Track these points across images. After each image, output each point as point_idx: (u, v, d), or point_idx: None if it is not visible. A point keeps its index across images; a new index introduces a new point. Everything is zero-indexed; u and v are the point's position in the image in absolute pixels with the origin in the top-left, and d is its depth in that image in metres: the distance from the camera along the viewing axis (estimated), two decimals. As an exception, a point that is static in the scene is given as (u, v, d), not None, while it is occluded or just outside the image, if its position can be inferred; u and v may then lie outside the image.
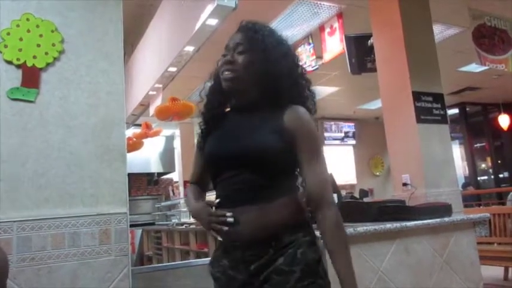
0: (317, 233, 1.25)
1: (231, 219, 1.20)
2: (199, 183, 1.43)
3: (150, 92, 6.14)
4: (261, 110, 1.26)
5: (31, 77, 1.68)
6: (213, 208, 1.26)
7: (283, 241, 1.20)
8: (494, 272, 4.54)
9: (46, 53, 1.72)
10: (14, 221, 1.58)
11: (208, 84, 1.41)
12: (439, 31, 5.12)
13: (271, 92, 1.25)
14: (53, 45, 1.74)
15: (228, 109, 1.38)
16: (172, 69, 4.97)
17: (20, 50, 1.69)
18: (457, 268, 2.43)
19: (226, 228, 1.21)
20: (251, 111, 1.28)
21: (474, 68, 6.72)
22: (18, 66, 1.68)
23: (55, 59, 1.74)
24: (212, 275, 1.33)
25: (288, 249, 1.20)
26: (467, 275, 2.46)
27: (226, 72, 1.26)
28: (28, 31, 1.71)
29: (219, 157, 1.27)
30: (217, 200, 1.25)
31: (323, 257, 1.25)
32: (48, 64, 1.73)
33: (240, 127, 1.27)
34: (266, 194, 1.22)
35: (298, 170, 1.27)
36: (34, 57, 1.70)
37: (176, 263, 2.53)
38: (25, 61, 1.68)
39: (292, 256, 1.19)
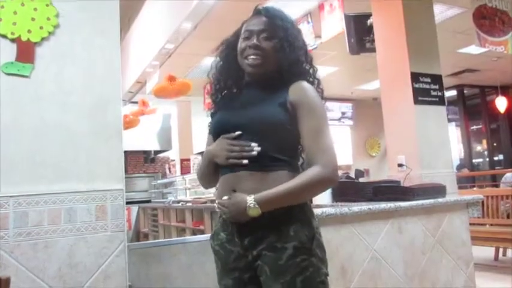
0: (315, 210, 1.27)
1: (257, 149, 1.23)
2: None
3: (147, 69, 6.09)
4: (270, 86, 1.32)
5: (26, 52, 1.66)
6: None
7: (276, 214, 1.21)
8: (485, 252, 4.63)
9: (41, 27, 1.69)
10: (11, 196, 1.59)
11: (217, 63, 1.45)
12: (440, 11, 5.07)
13: (285, 75, 1.32)
14: (48, 19, 1.71)
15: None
16: (170, 46, 4.92)
17: (15, 23, 1.66)
18: (449, 248, 2.48)
19: (246, 161, 1.23)
20: (261, 86, 1.34)
21: (474, 49, 6.68)
22: (12, 40, 1.65)
23: (50, 33, 1.71)
24: (212, 249, 1.36)
25: (280, 226, 1.21)
26: (459, 255, 2.51)
27: (254, 57, 1.30)
28: (22, 4, 1.67)
29: (226, 125, 1.31)
30: (238, 132, 1.27)
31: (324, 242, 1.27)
32: (43, 39, 1.70)
33: (249, 100, 1.33)
34: (266, 164, 1.24)
35: (301, 142, 1.29)
36: (29, 31, 1.67)
37: (172, 239, 2.56)
38: (19, 35, 1.66)
39: (285, 233, 1.21)
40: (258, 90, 1.34)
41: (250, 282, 1.28)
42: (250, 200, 1.19)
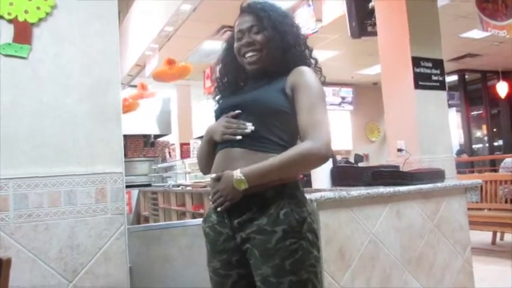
0: (308, 195, 1.26)
1: (251, 127, 1.26)
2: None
3: (146, 52, 6.05)
4: (271, 76, 1.35)
5: (23, 33, 1.64)
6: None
7: (266, 197, 1.22)
8: (483, 236, 4.67)
9: (38, 8, 1.67)
10: (11, 178, 1.59)
11: (218, 67, 1.50)
12: (442, -5, 5.00)
13: (282, 62, 1.35)
14: (45, -1, 1.68)
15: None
16: (169, 28, 4.88)
17: (11, 4, 1.63)
18: (447, 232, 2.49)
19: (239, 137, 1.26)
20: (263, 77, 1.37)
21: (476, 34, 6.62)
22: (9, 21, 1.63)
23: (47, 14, 1.69)
24: (203, 231, 1.38)
25: (270, 210, 1.21)
26: (456, 239, 2.53)
27: (250, 54, 1.34)
28: (19, -16, 1.65)
29: (226, 106, 1.38)
30: (237, 111, 1.31)
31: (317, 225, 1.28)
32: (40, 19, 1.68)
33: (251, 88, 1.38)
34: (260, 145, 1.26)
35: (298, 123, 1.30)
36: (26, 11, 1.65)
37: (172, 222, 2.57)
38: (16, 16, 1.64)
39: (274, 217, 1.21)
40: (260, 80, 1.37)
41: (238, 264, 1.28)
42: (236, 173, 1.20)
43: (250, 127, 1.26)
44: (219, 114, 1.40)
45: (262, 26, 1.33)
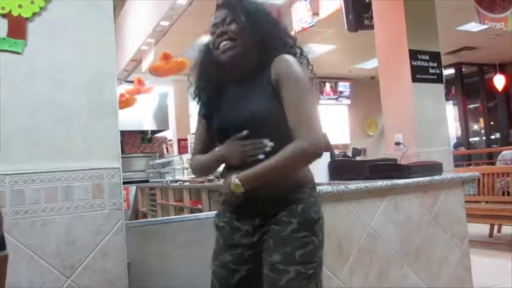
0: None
1: (270, 144, 1.25)
2: (204, 152, 1.44)
3: (142, 47, 6.02)
4: (255, 75, 1.32)
5: (17, 27, 1.62)
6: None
7: (288, 197, 1.27)
8: (480, 229, 4.69)
9: (32, 2, 1.65)
10: (7, 174, 1.58)
11: (195, 71, 1.45)
12: (439, -12, 4.98)
13: (261, 52, 1.31)
14: (39, -7, 1.66)
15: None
16: (165, 23, 4.85)
17: (5, -2, 1.62)
18: (445, 225, 2.50)
19: (262, 156, 1.24)
20: (247, 79, 1.33)
21: (473, 27, 6.62)
22: (3, 16, 1.62)
23: (42, 8, 1.67)
24: (216, 225, 1.39)
25: (291, 205, 1.26)
26: (454, 232, 2.53)
27: (224, 42, 1.31)
28: (12, -22, 1.63)
29: (225, 129, 1.33)
30: (245, 132, 1.27)
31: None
32: (34, 14, 1.66)
33: (240, 98, 1.33)
34: (271, 155, 1.24)
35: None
36: (20, 6, 1.63)
37: (170, 217, 2.57)
38: (10, 10, 1.62)
39: (293, 210, 1.26)
40: (244, 81, 1.33)
41: (250, 259, 1.30)
42: (233, 178, 1.24)
43: (269, 144, 1.25)
44: (218, 132, 1.37)
45: (235, 16, 1.31)
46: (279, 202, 1.26)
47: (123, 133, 9.44)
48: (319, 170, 2.52)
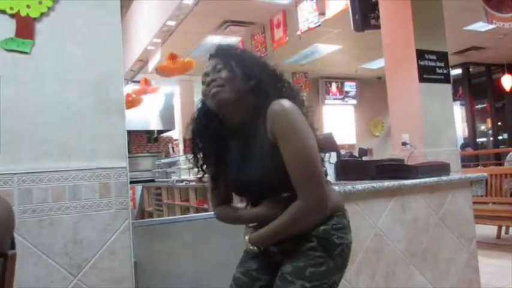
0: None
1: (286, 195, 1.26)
2: (225, 202, 1.44)
3: (149, 47, 6.04)
4: (254, 124, 1.28)
5: (25, 28, 1.63)
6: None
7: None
8: (488, 230, 4.65)
9: (40, 2, 1.66)
10: (15, 173, 1.59)
11: (192, 128, 1.44)
12: (447, -13, 4.95)
13: (255, 99, 1.29)
14: (47, -6, 1.67)
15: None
16: (171, 23, 4.86)
17: (13, -2, 1.63)
18: (452, 226, 2.48)
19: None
20: (246, 130, 1.31)
21: (480, 26, 6.57)
22: (11, 16, 1.63)
23: (49, 8, 1.68)
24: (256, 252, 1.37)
25: (313, 227, 1.25)
26: (462, 233, 2.52)
27: (214, 90, 1.29)
28: (20, -21, 1.64)
29: (239, 189, 1.38)
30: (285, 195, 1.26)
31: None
32: (42, 14, 1.67)
33: (244, 154, 1.31)
34: (285, 198, 1.25)
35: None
36: (28, 6, 1.64)
37: (176, 217, 2.57)
38: (18, 10, 1.63)
39: (315, 231, 1.25)
40: (244, 132, 1.32)
41: (271, 272, 1.31)
42: (246, 240, 1.32)
43: (284, 195, 1.26)
44: (234, 190, 1.40)
45: (225, 63, 1.31)
46: (307, 231, 1.27)
47: (130, 133, 9.47)
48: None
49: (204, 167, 1.42)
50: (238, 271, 1.40)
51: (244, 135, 1.32)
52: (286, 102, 1.23)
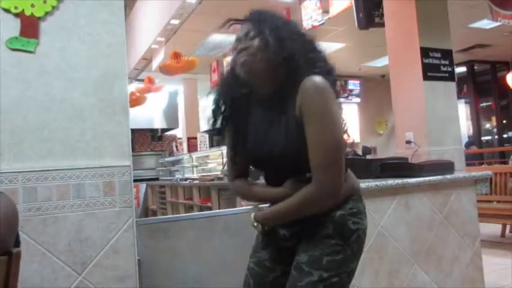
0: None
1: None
2: (242, 175, 1.37)
3: (153, 46, 6.06)
4: (282, 98, 1.23)
5: (30, 27, 1.64)
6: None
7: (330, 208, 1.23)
8: (492, 229, 4.63)
9: (44, 1, 1.66)
10: (19, 172, 1.60)
11: (216, 90, 1.36)
12: (451, -16, 4.92)
13: (287, 72, 1.23)
14: (51, -7, 1.68)
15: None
16: (175, 21, 4.87)
17: (17, -3, 1.63)
18: (456, 224, 2.47)
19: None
20: (273, 102, 1.25)
21: (485, 24, 6.54)
22: (16, 15, 1.63)
23: (54, 7, 1.69)
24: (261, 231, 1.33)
25: (329, 211, 1.21)
26: (466, 231, 2.51)
27: (243, 59, 1.23)
28: (25, -22, 1.65)
29: (258, 163, 1.31)
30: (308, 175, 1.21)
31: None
32: (46, 13, 1.67)
33: (267, 127, 1.25)
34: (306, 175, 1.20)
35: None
36: (32, 5, 1.65)
37: (180, 215, 2.58)
38: (23, 9, 1.64)
39: (330, 216, 1.21)
40: (271, 104, 1.26)
41: (285, 261, 1.27)
42: (251, 218, 1.27)
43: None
44: (253, 161, 1.32)
45: (259, 31, 1.23)
46: (319, 214, 1.21)
47: (134, 131, 9.51)
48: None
49: (225, 135, 1.35)
50: (251, 261, 1.35)
51: (271, 107, 1.26)
52: (320, 81, 1.16)
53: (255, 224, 1.26)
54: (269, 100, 1.27)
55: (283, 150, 1.20)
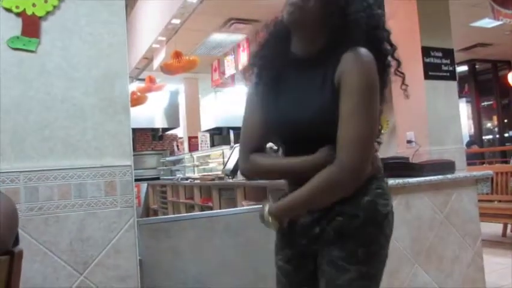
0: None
1: None
2: (260, 149, 1.20)
3: (154, 45, 6.06)
4: (322, 63, 1.11)
5: (31, 26, 1.64)
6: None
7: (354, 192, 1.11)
8: (493, 228, 4.63)
9: (45, 1, 1.67)
10: (21, 172, 1.60)
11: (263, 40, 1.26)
12: (453, -17, 4.92)
13: (334, 35, 1.11)
14: (52, -7, 1.68)
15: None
16: (176, 21, 4.87)
17: (19, -3, 1.64)
18: (457, 224, 2.47)
19: None
20: (314, 64, 1.13)
21: (487, 23, 6.53)
22: (17, 15, 1.64)
23: (55, 7, 1.69)
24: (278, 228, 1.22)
25: (354, 196, 1.10)
26: (467, 231, 2.51)
27: (290, 8, 1.11)
28: (26, -22, 1.65)
29: (286, 130, 1.16)
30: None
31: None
32: (48, 13, 1.68)
33: (301, 92, 1.14)
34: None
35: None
36: (33, 5, 1.65)
37: (181, 215, 2.58)
38: (24, 9, 1.64)
39: (357, 202, 1.10)
40: (310, 68, 1.14)
41: (313, 253, 1.17)
42: (265, 213, 1.13)
43: None
44: (277, 128, 1.17)
45: None
46: (345, 202, 1.10)
47: (135, 131, 9.52)
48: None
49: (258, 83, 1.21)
50: (278, 258, 1.24)
51: (308, 70, 1.14)
52: (366, 55, 1.06)
53: (270, 220, 1.12)
54: (308, 63, 1.15)
55: (315, 117, 1.08)
